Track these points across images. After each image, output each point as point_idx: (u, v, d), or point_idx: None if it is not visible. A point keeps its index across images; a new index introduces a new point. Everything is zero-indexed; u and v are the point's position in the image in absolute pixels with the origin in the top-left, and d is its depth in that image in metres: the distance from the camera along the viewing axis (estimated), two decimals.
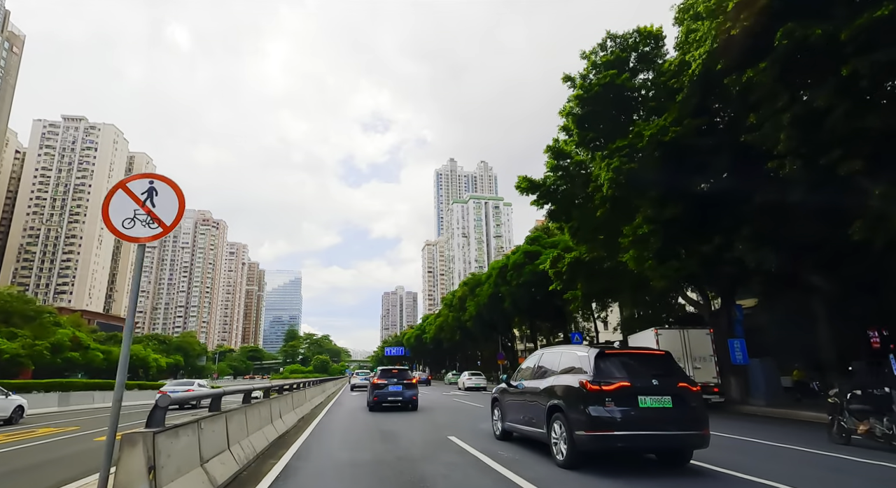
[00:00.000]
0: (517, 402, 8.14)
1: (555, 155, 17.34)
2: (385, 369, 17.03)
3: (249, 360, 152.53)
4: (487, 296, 33.01)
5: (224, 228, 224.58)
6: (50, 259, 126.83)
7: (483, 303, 34.04)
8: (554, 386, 6.79)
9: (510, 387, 8.55)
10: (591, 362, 6.31)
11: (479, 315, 37.14)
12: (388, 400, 15.76)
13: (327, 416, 14.38)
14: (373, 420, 13.00)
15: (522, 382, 8.09)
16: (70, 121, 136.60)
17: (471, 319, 38.62)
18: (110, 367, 66.43)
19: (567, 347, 7.64)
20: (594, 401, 5.88)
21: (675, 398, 6.04)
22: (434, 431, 10.48)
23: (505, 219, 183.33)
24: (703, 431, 6.03)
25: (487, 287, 33.32)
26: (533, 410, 7.34)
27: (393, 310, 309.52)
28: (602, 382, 5.99)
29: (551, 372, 7.20)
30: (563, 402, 6.37)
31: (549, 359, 7.60)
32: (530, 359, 8.59)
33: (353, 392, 29.95)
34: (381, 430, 10.65)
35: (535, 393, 7.31)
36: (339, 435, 10.08)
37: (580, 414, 5.96)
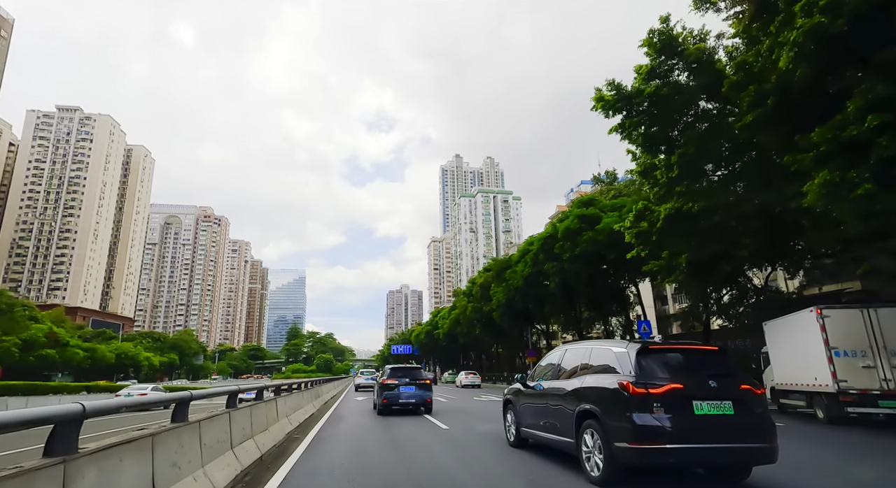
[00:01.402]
0: (536, 406, 7.11)
1: (661, 46, 11.40)
2: (395, 368, 15.23)
3: (251, 359, 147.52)
4: (522, 278, 27.22)
5: (226, 225, 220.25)
6: (43, 254, 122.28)
7: (517, 286, 28.17)
8: (584, 388, 5.78)
9: (526, 388, 7.54)
10: (632, 359, 5.26)
11: (508, 303, 31.37)
12: (398, 402, 14.12)
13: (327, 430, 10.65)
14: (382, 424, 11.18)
15: (541, 383, 7.10)
16: (65, 111, 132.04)
17: (498, 308, 32.71)
18: (95, 366, 61.55)
19: (598, 342, 6.57)
20: (638, 407, 4.86)
21: (738, 403, 5.01)
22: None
23: (514, 213, 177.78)
24: (771, 443, 4.96)
25: (522, 267, 27.48)
26: (556, 415, 6.32)
27: (398, 309, 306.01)
28: (648, 384, 4.95)
29: (579, 372, 6.16)
30: (597, 407, 5.37)
31: (575, 356, 6.51)
32: (550, 355, 7.55)
33: (357, 392, 29.68)
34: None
35: (559, 396, 6.29)
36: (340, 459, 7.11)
37: (621, 422, 4.94)
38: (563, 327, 36.61)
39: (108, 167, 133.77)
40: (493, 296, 33.53)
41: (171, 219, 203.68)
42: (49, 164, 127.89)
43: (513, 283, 28.68)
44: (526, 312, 31.51)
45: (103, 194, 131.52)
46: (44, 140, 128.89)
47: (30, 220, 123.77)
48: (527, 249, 27.13)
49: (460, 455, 7.29)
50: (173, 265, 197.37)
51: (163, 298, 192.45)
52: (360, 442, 8.80)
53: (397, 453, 7.60)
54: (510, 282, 29.30)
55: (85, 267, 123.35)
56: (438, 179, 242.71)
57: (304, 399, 12.60)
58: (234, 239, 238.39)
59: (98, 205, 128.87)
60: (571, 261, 21.46)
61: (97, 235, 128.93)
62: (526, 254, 26.78)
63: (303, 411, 11.56)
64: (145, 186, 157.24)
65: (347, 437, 9.31)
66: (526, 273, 27.05)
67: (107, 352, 61.24)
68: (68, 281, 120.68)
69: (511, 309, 32.26)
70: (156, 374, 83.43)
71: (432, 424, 11.11)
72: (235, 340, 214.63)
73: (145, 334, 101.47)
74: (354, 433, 9.97)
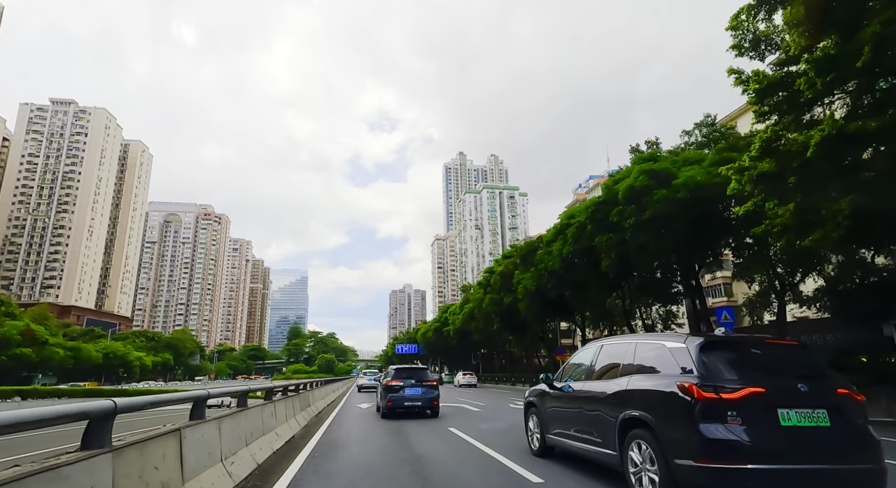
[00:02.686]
0: (566, 410, 6.18)
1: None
2: (400, 368, 14.61)
3: (251, 360, 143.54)
4: (559, 259, 22.60)
5: (226, 223, 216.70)
6: (36, 251, 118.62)
7: (552, 269, 23.45)
8: (630, 390, 4.82)
9: (553, 390, 6.61)
10: (694, 356, 4.32)
11: (538, 291, 26.83)
12: (403, 405, 13.42)
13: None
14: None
15: (570, 383, 6.21)
16: (59, 104, 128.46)
17: (525, 297, 28.14)
18: (80, 367, 57.46)
19: (643, 337, 5.58)
20: (707, 416, 3.97)
21: (834, 412, 4.05)
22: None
23: (520, 209, 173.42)
24: (877, 464, 3.95)
25: (560, 245, 22.75)
26: (593, 422, 5.42)
27: (401, 309, 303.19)
28: (719, 387, 4.04)
29: (621, 372, 5.18)
30: (648, 415, 4.44)
31: (614, 354, 5.56)
32: (583, 352, 6.50)
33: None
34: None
35: (596, 400, 5.38)
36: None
37: (683, 434, 4.07)
38: (592, 321, 31.93)
39: (103, 162, 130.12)
40: (517, 284, 28.91)
41: (171, 217, 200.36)
42: (42, 159, 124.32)
43: (547, 266, 23.89)
44: (560, 301, 27.00)
45: (98, 190, 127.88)
46: (37, 134, 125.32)
47: (22, 216, 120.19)
48: (566, 223, 22.52)
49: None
50: (173, 264, 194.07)
51: (162, 297, 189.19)
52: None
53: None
54: (542, 266, 24.49)
55: (79, 264, 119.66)
56: (442, 177, 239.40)
57: (279, 415, 8.36)
58: (235, 237, 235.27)
59: (93, 201, 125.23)
60: (636, 229, 16.82)
61: (92, 232, 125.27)
62: (566, 229, 22.10)
63: (267, 441, 7.19)
64: (143, 182, 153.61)
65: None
66: (566, 252, 22.32)
67: (93, 352, 57.20)
68: (62, 279, 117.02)
69: (541, 298, 27.52)
70: (148, 375, 79.42)
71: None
72: (236, 340, 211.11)
73: (138, 333, 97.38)
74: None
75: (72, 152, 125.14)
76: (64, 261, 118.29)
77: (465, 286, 68.91)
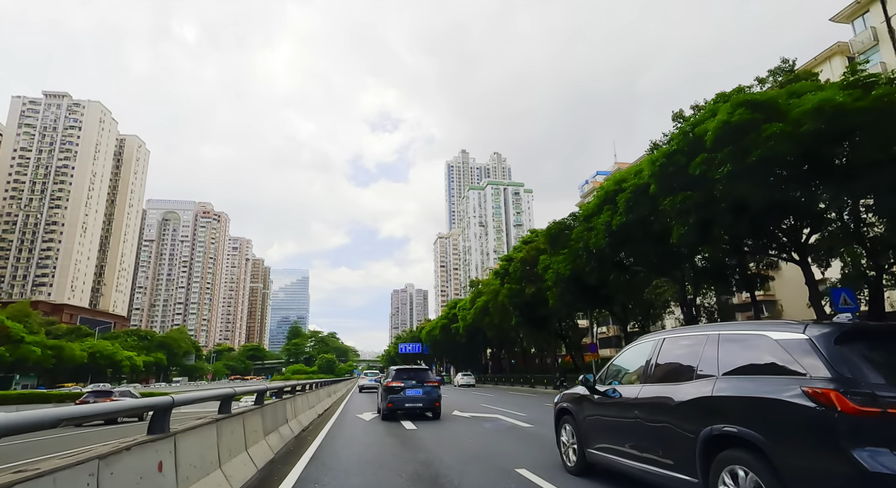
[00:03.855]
0: (615, 420, 4.84)
1: None
2: (401, 369, 13.83)
3: (249, 360, 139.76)
4: (606, 235, 18.13)
5: (226, 221, 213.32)
6: (28, 248, 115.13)
7: (595, 247, 19.11)
8: (719, 397, 3.52)
9: (595, 395, 5.25)
10: (825, 351, 3.06)
11: (573, 277, 22.52)
12: (404, 406, 12.68)
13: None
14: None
15: (618, 387, 4.94)
16: (52, 97, 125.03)
17: (555, 285, 23.68)
18: (62, 367, 53.77)
19: (730, 326, 3.95)
20: (862, 438, 2.72)
21: None
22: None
23: (525, 206, 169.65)
24: None
25: (608, 216, 18.13)
26: (656, 437, 4.09)
27: (403, 309, 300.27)
28: (880, 398, 2.73)
29: (699, 371, 3.83)
30: (754, 432, 3.21)
31: (686, 348, 4.18)
32: (634, 349, 5.16)
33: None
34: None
35: (662, 409, 4.04)
36: None
37: (823, 463, 2.82)
38: (618, 316, 27.61)
39: (98, 157, 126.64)
40: (542, 270, 24.78)
41: (170, 215, 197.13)
42: (35, 153, 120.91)
43: (589, 244, 19.58)
44: (597, 288, 22.71)
45: (93, 185, 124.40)
46: (30, 128, 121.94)
47: (14, 212, 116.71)
48: (614, 189, 18.40)
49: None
50: (171, 262, 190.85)
51: (160, 297, 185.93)
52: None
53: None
54: (580, 245, 20.20)
55: (73, 261, 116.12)
56: (444, 175, 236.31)
57: (223, 445, 4.65)
58: (235, 236, 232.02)
59: (87, 197, 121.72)
60: (731, 178, 12.38)
61: (86, 229, 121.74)
62: (616, 196, 17.94)
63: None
64: (139, 178, 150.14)
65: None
66: (616, 224, 17.95)
67: (76, 351, 53.55)
68: (54, 276, 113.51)
69: (576, 285, 23.36)
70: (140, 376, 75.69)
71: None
72: (236, 340, 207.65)
73: (130, 332, 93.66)
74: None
75: (65, 146, 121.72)
76: (57, 258, 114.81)
77: (473, 281, 65.03)
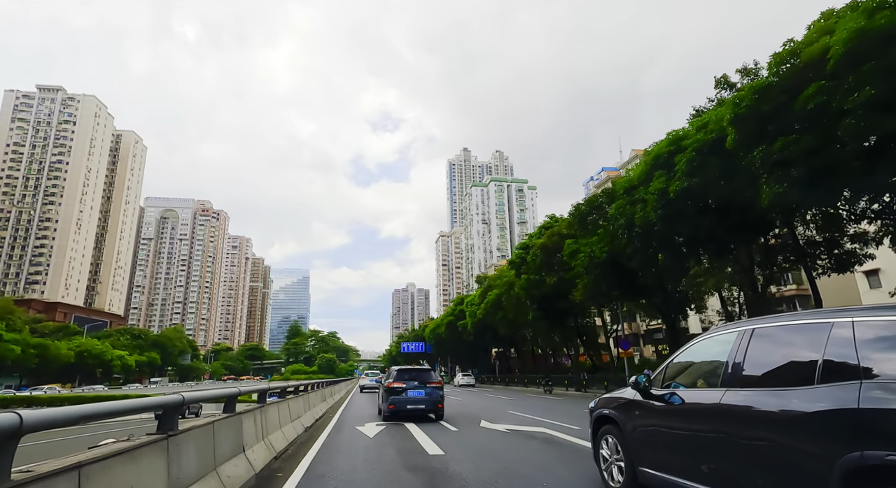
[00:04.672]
0: (682, 433, 3.65)
1: None
2: (403, 369, 13.47)
3: (248, 360, 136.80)
4: (659, 207, 14.86)
5: (225, 219, 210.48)
6: (21, 245, 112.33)
7: (644, 222, 15.49)
8: (875, 411, 2.38)
9: (650, 400, 4.02)
10: None
11: (611, 260, 19.46)
12: (406, 408, 12.29)
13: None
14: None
15: (680, 391, 3.78)
16: (46, 91, 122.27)
17: (588, 271, 20.68)
18: (47, 367, 50.85)
19: (880, 309, 2.75)
20: None
21: None
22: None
23: (529, 203, 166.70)
24: None
25: (661, 183, 14.72)
26: (755, 460, 3.05)
27: (404, 308, 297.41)
28: None
29: (823, 373, 2.77)
30: None
31: (797, 341, 3.12)
32: (704, 342, 3.92)
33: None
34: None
35: (761, 422, 3.02)
36: None
37: None
38: (660, 307, 24.17)
39: (93, 152, 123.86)
40: (568, 256, 21.60)
41: (168, 213, 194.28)
42: (28, 148, 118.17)
43: (637, 219, 16.62)
44: (641, 273, 19.22)
45: (87, 181, 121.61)
46: (23, 122, 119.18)
47: (6, 208, 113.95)
48: (672, 150, 14.95)
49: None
50: (170, 261, 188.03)
51: (159, 296, 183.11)
52: None
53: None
54: (620, 222, 17.02)
55: (67, 259, 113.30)
56: (446, 174, 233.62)
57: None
58: (235, 235, 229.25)
59: (81, 193, 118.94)
60: (870, 108, 9.39)
61: (80, 225, 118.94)
62: (673, 157, 14.59)
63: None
64: (136, 175, 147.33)
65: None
66: (675, 190, 14.57)
67: (63, 350, 50.66)
68: (48, 274, 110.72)
69: (614, 269, 19.98)
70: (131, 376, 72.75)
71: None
72: (235, 340, 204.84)
73: (123, 330, 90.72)
74: None
75: (59, 141, 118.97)
76: (50, 255, 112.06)
77: (480, 276, 62.00)
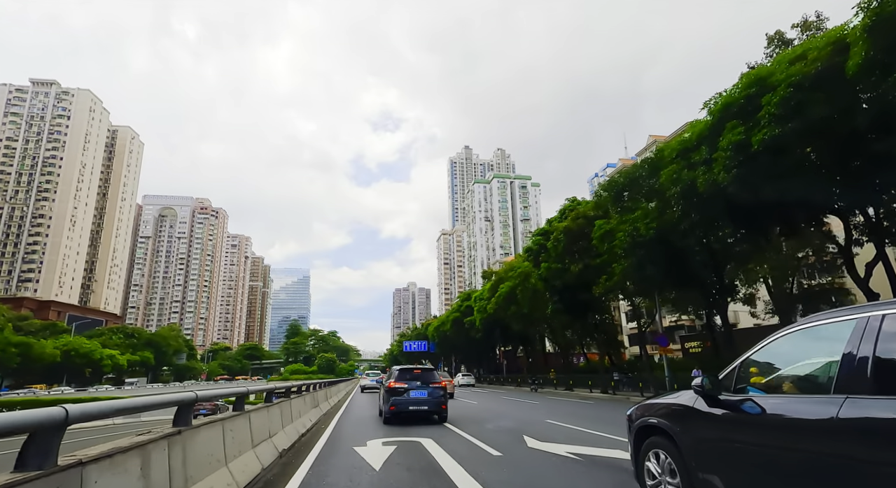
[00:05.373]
0: (773, 454, 2.78)
1: None
2: (404, 369, 12.67)
3: (247, 360, 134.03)
4: (733, 165, 11.43)
5: (224, 217, 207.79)
6: (14, 242, 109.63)
7: (710, 187, 12.16)
8: None
9: (720, 411, 3.20)
10: None
11: (658, 238, 16.40)
12: (408, 409, 11.59)
13: None
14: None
15: (763, 397, 3.04)
16: (39, 85, 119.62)
17: (629, 253, 17.96)
18: (31, 366, 48.18)
19: None
20: None
21: None
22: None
23: (533, 200, 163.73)
24: None
25: (736, 137, 11.22)
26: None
27: (405, 308, 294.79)
28: None
29: None
30: None
31: None
32: (795, 336, 3.08)
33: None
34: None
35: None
36: None
37: None
38: (714, 299, 20.25)
39: (87, 147, 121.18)
40: (598, 237, 18.55)
41: (166, 211, 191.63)
42: (21, 143, 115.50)
43: (701, 182, 13.43)
44: (684, 255, 16.15)
45: (82, 177, 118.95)
46: (16, 116, 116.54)
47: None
48: (751, 93, 11.52)
49: None
50: (168, 260, 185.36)
51: (157, 295, 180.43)
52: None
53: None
54: (672, 192, 13.76)
55: (61, 256, 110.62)
56: (447, 172, 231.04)
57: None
58: (234, 233, 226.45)
59: (76, 189, 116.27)
60: None
61: (75, 222, 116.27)
62: (762, 98, 10.87)
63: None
64: (132, 171, 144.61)
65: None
66: (760, 140, 11.38)
67: (47, 349, 48.02)
68: (41, 272, 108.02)
69: (664, 249, 16.57)
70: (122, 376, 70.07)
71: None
72: (235, 340, 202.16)
73: (116, 329, 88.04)
74: None
75: (53, 136, 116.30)
76: (44, 253, 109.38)
77: (486, 271, 59.38)
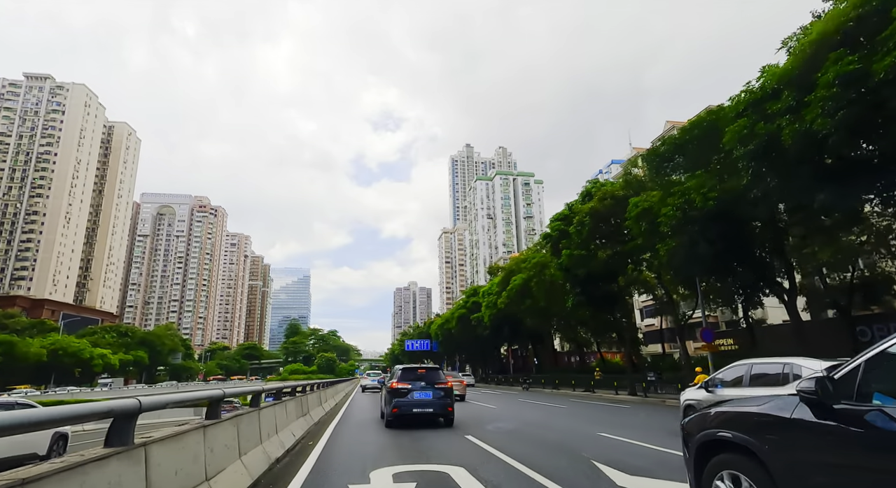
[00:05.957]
0: None
1: None
2: (408, 368, 12.02)
3: (245, 359, 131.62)
4: (832, 112, 9.40)
5: (223, 216, 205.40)
6: (6, 240, 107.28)
7: (811, 132, 9.65)
8: None
9: (846, 427, 2.17)
10: None
11: (717, 211, 13.52)
12: (412, 411, 10.89)
13: None
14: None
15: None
16: (34, 79, 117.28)
17: (676, 234, 15.37)
18: (14, 366, 45.73)
19: None
20: None
21: None
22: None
23: (536, 197, 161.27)
24: None
25: (852, 66, 8.63)
26: None
27: (406, 307, 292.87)
28: None
29: None
30: None
31: None
32: None
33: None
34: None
35: None
36: None
37: None
38: (784, 288, 17.16)
39: (83, 143, 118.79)
40: (639, 218, 16.00)
41: (164, 210, 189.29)
42: (15, 138, 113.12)
43: (787, 132, 11.24)
44: (751, 229, 12.97)
45: (77, 173, 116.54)
46: (9, 111, 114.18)
47: None
48: (875, 5, 9.22)
49: None
50: (166, 258, 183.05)
51: (155, 294, 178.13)
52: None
53: None
54: (741, 151, 11.23)
55: (55, 254, 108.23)
56: (448, 170, 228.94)
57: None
58: (233, 232, 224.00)
59: (71, 186, 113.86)
60: None
61: (70, 219, 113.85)
62: (865, 23, 8.59)
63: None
64: (129, 168, 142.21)
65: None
66: (888, 66, 9.23)
67: (33, 348, 45.69)
68: (35, 269, 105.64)
69: (719, 226, 14.02)
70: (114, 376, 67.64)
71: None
72: (234, 340, 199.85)
73: (109, 327, 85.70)
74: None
75: (47, 131, 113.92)
76: (37, 250, 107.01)
77: (492, 267, 56.92)
